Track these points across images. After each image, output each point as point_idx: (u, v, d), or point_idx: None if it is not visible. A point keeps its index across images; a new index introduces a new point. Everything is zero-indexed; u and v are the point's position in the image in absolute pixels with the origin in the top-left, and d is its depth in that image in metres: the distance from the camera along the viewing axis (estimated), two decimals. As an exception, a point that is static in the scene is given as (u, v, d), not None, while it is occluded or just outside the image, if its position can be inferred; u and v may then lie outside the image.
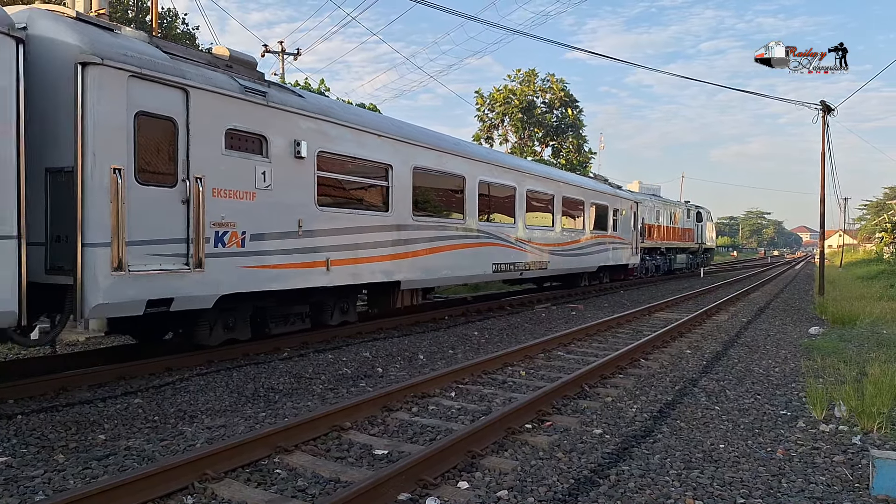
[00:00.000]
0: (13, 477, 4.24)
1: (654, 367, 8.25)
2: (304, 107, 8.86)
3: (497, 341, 10.39)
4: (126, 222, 6.42)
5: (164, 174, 6.92)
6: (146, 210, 6.67)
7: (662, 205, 29.83)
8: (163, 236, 6.87)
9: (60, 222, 6.21)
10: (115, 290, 6.34)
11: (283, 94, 8.72)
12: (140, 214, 6.59)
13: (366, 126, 10.08)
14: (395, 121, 11.80)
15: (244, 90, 7.85)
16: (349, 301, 10.49)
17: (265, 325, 8.97)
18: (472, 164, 13.09)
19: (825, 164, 19.72)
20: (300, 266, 8.66)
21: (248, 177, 7.86)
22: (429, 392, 6.60)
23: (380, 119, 11.53)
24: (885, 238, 43.46)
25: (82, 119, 6.14)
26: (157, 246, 6.81)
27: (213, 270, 7.37)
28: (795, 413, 6.08)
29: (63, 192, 6.20)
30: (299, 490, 4.11)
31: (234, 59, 8.41)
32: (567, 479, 4.31)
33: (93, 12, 11.43)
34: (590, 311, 14.91)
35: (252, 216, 7.91)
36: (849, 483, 4.32)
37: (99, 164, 6.22)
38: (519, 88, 36.37)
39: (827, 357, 8.73)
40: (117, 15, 21.22)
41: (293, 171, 8.54)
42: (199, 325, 7.97)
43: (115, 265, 6.32)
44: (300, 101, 8.91)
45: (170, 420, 5.66)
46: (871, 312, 13.51)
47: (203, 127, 7.29)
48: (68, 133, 6.17)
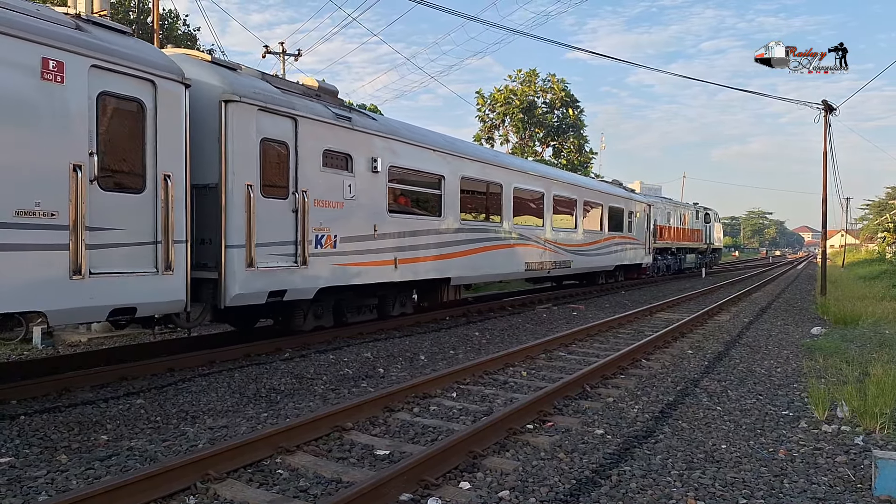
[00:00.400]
0: (16, 477, 4.25)
1: (655, 367, 8.25)
2: (379, 128, 10.46)
3: (498, 342, 10.39)
4: (255, 228, 7.92)
5: (280, 188, 8.44)
6: (268, 218, 8.17)
7: (673, 207, 30.86)
8: (279, 239, 8.37)
9: (204, 228, 7.65)
10: (248, 283, 7.86)
11: (363, 118, 10.30)
12: (264, 222, 8.09)
13: (424, 143, 11.69)
14: (446, 136, 13.29)
15: (336, 117, 9.41)
16: (407, 295, 11.98)
17: (343, 314, 10.40)
18: (509, 172, 14.53)
19: (827, 163, 19.71)
20: (376, 264, 10.18)
21: (338, 189, 9.41)
22: (430, 392, 6.60)
23: (434, 136, 12.84)
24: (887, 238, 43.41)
25: (225, 145, 7.66)
26: (275, 247, 8.32)
27: (314, 267, 8.90)
28: (797, 413, 6.07)
29: (206, 204, 7.64)
30: (301, 490, 4.12)
31: (322, 88, 9.91)
32: (568, 479, 4.31)
33: (94, 14, 11.46)
34: (591, 312, 14.90)
35: (341, 222, 9.43)
36: (851, 483, 4.31)
37: (237, 181, 7.76)
38: (520, 89, 36.37)
39: (829, 357, 8.72)
40: (118, 17, 21.25)
41: (371, 183, 10.09)
42: (296, 314, 9.41)
43: (247, 263, 7.84)
44: (375, 123, 10.54)
45: (172, 420, 5.67)
46: (873, 312, 13.50)
47: (307, 149, 8.82)
48: (211, 157, 7.65)
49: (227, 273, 7.63)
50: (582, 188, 19.00)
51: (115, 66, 6.37)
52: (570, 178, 19.49)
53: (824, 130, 19.49)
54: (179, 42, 23.41)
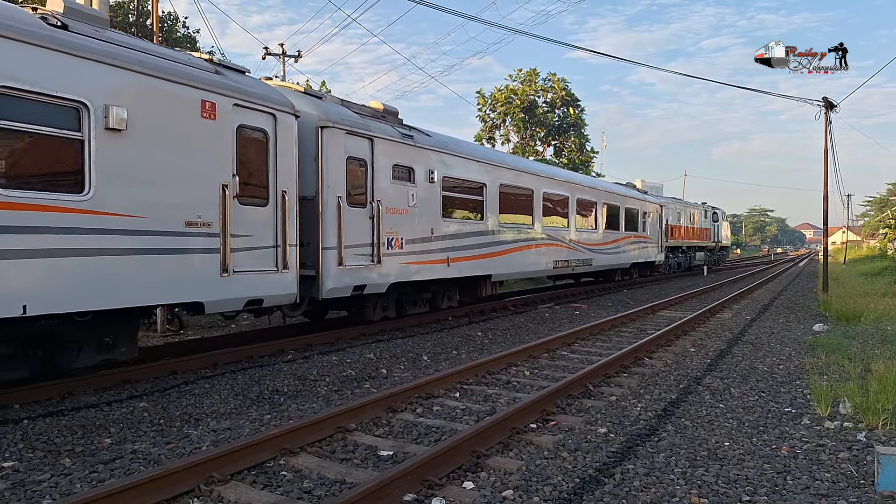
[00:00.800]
0: (20, 481, 4.27)
1: (658, 365, 8.25)
2: (434, 144, 11.99)
3: (501, 341, 10.39)
4: (344, 233, 9.41)
5: (361, 198, 9.95)
6: (352, 224, 9.66)
7: (683, 207, 32.12)
8: (360, 242, 9.88)
9: (305, 233, 8.96)
10: (338, 279, 9.40)
11: (421, 135, 11.75)
12: (349, 227, 9.58)
13: (469, 155, 13.26)
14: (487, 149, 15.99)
15: (402, 135, 10.93)
16: (454, 291, 13.41)
17: (403, 307, 11.79)
18: (538, 179, 16.03)
19: (828, 160, 19.69)
20: (432, 262, 11.68)
21: (403, 198, 10.90)
22: (433, 393, 6.61)
23: (477, 148, 15.02)
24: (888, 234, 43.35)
25: (321, 164, 9.16)
26: (358, 248, 9.83)
27: (387, 265, 10.40)
28: (800, 410, 6.07)
29: (305, 213, 8.98)
30: (305, 491, 4.13)
31: (386, 110, 11.45)
32: (572, 478, 4.31)
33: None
34: (593, 311, 14.90)
35: (406, 226, 10.91)
36: (854, 480, 4.31)
37: (330, 194, 9.26)
38: (520, 88, 36.34)
39: (831, 354, 8.72)
40: (118, 18, 21.29)
41: (428, 192, 11.59)
42: (367, 306, 10.81)
43: (338, 262, 9.37)
44: (431, 139, 12.00)
45: (175, 423, 5.68)
46: (875, 309, 13.48)
47: (380, 164, 10.30)
48: (309, 174, 9.09)
49: (323, 270, 9.18)
50: (601, 191, 20.39)
51: (249, 103, 7.91)
52: (591, 181, 21.12)
53: (825, 127, 19.47)
54: (179, 44, 23.42)
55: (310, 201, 9.09)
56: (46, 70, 5.86)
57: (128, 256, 6.49)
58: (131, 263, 6.52)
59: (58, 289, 5.92)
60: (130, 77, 6.56)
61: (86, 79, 6.17)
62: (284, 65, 26.34)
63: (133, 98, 6.55)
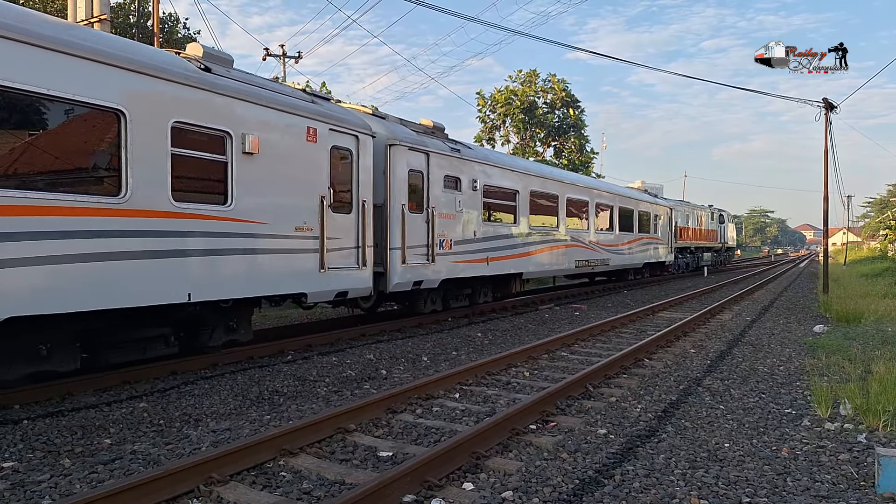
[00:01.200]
0: (20, 482, 4.26)
1: (658, 366, 8.24)
2: (476, 156, 13.67)
3: (501, 342, 10.39)
4: (406, 235, 10.96)
5: (419, 205, 11.53)
6: (413, 228, 11.24)
7: (691, 209, 33.57)
8: (419, 243, 11.45)
9: (375, 236, 10.39)
10: (402, 275, 11.00)
11: (465, 149, 13.40)
12: (410, 231, 11.15)
13: (505, 165, 14.92)
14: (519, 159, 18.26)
15: (451, 149, 12.60)
16: (490, 287, 14.96)
17: (447, 301, 13.34)
18: (563, 185, 17.57)
19: (828, 161, 19.69)
20: (475, 262, 13.28)
21: (452, 204, 12.49)
22: (433, 394, 6.60)
23: (511, 159, 17.08)
24: (889, 235, 43.33)
25: (389, 176, 10.76)
26: (417, 249, 11.40)
27: (439, 264, 11.97)
28: (800, 411, 6.07)
29: (376, 218, 10.42)
30: (304, 492, 4.12)
31: (435, 127, 13.10)
32: (572, 479, 4.31)
33: (94, 17, 11.47)
34: (593, 312, 14.90)
35: (454, 229, 12.51)
36: (854, 481, 4.31)
37: (396, 202, 10.85)
38: (520, 89, 36.35)
39: (831, 355, 8.71)
40: (119, 20, 21.28)
41: (472, 198, 13.15)
42: (419, 299, 12.36)
43: (402, 260, 10.89)
44: (473, 152, 13.73)
45: (175, 424, 5.67)
46: (875, 310, 13.47)
47: (434, 175, 11.89)
48: (379, 185, 10.60)
49: (390, 268, 10.74)
50: (616, 195, 21.89)
51: (339, 127, 9.54)
52: (608, 186, 22.59)
53: (825, 128, 19.47)
54: (179, 46, 23.41)
55: (379, 208, 10.56)
56: (205, 107, 7.41)
57: (259, 255, 8.12)
58: (261, 260, 8.16)
59: (211, 280, 7.47)
60: (258, 110, 8.12)
61: (228, 113, 7.70)
62: (285, 66, 26.35)
63: (260, 127, 8.12)
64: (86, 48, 6.21)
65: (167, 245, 6.91)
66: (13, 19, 5.70)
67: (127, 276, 6.50)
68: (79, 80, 6.09)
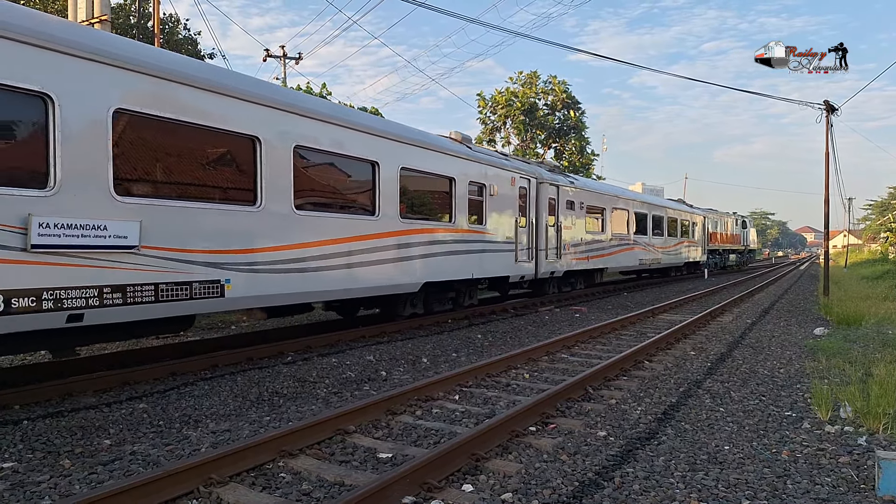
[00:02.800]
0: (20, 482, 4.26)
1: (658, 368, 8.24)
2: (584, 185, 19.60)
3: (500, 344, 10.38)
4: (548, 241, 16.26)
5: (552, 220, 16.61)
6: (550, 236, 16.44)
7: (719, 216, 38.79)
8: (552, 246, 16.64)
9: None
10: (546, 267, 16.25)
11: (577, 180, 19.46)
12: (549, 238, 16.38)
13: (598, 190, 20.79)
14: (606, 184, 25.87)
15: (569, 182, 17.89)
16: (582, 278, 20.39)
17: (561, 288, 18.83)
18: (630, 202, 22.93)
19: (829, 163, 19.67)
20: (582, 259, 18.69)
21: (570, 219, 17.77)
22: (433, 395, 6.60)
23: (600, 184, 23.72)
24: (889, 238, 43.31)
25: (536, 203, 15.93)
26: (552, 250, 16.59)
27: (563, 260, 17.29)
28: (800, 414, 6.06)
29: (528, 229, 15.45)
30: (304, 494, 4.12)
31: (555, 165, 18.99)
32: (571, 481, 4.31)
33: (95, 18, 11.47)
34: (593, 314, 14.89)
35: (571, 237, 17.68)
36: (854, 484, 4.30)
37: (542, 219, 16.09)
38: (521, 91, 36.39)
39: (832, 358, 8.70)
40: (119, 21, 21.30)
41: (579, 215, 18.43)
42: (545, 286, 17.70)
43: (546, 257, 16.16)
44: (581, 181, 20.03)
45: (175, 425, 5.67)
46: (876, 313, 13.47)
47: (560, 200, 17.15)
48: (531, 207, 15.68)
49: (538, 262, 15.89)
50: (665, 208, 27.19)
51: (524, 176, 15.25)
52: (659, 201, 27.54)
53: (826, 131, 19.46)
54: (180, 47, 23.43)
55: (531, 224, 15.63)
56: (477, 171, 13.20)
57: (494, 253, 13.74)
58: (494, 256, 13.76)
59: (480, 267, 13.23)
60: (494, 169, 13.86)
61: (485, 172, 13.50)
62: (285, 67, 26.36)
63: (494, 178, 13.79)
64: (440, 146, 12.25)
65: (468, 248, 12.70)
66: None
67: (454, 263, 12.28)
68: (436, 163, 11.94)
